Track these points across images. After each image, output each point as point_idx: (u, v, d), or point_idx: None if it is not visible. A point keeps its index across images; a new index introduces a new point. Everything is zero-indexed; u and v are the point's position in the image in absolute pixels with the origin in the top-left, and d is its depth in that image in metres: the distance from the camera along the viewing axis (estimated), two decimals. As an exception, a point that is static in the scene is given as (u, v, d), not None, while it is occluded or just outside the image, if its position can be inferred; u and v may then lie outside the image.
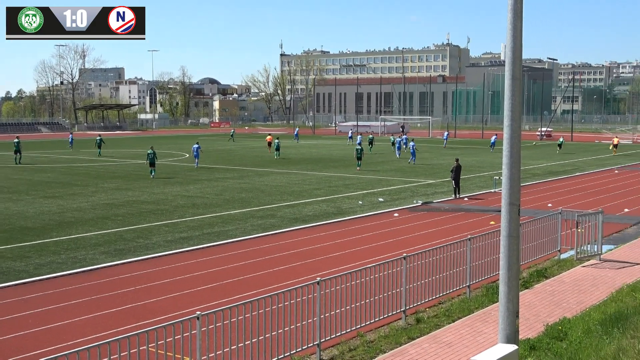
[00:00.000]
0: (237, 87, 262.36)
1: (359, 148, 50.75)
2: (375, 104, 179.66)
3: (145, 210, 29.64)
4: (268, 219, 27.39)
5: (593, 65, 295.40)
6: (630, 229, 25.45)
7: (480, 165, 52.17)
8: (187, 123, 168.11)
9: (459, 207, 30.69)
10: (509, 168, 10.64)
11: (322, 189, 37.12)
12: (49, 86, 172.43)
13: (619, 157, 62.01)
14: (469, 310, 15.15)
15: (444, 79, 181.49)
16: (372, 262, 16.48)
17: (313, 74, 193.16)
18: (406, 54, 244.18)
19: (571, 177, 43.93)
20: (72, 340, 13.23)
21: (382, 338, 13.41)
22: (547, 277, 18.02)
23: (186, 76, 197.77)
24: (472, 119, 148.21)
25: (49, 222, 26.88)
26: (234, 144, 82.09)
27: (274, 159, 57.83)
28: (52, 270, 19.03)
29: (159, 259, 20.58)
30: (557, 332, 12.95)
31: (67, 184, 40.02)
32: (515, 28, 10.46)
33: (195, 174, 45.28)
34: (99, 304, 15.87)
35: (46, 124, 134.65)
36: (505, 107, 10.60)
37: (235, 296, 16.08)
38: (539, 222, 19.77)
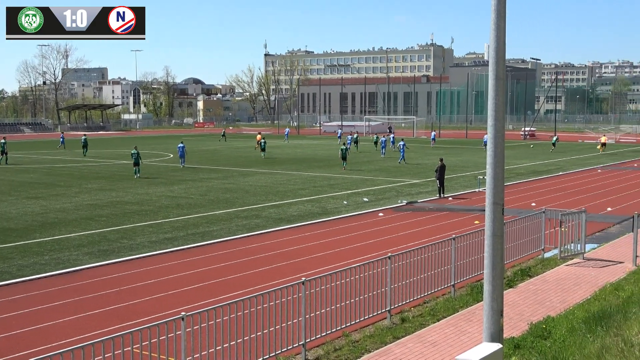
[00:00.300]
0: (221, 87, 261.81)
1: (343, 148, 51.06)
2: (360, 104, 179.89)
3: (129, 211, 29.51)
4: (253, 219, 27.35)
5: (576, 66, 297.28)
6: (612, 228, 25.63)
7: (464, 165, 52.35)
8: (171, 123, 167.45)
9: (443, 207, 30.78)
10: (493, 167, 10.68)
11: (307, 189, 37.12)
12: (32, 86, 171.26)
13: (601, 156, 62.42)
14: (454, 309, 15.20)
15: (428, 79, 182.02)
16: (357, 262, 16.50)
17: (297, 74, 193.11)
18: (390, 54, 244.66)
19: (554, 177, 44.18)
20: (56, 342, 13.15)
21: (367, 337, 13.43)
22: (531, 276, 18.11)
23: (170, 76, 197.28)
24: (457, 119, 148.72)
25: (32, 222, 26.71)
26: (224, 144, 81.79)
27: (261, 158, 57.81)
28: (36, 272, 18.91)
29: (143, 259, 20.50)
30: (541, 331, 13.01)
31: (50, 184, 39.78)
32: (498, 28, 10.50)
33: (179, 174, 45.14)
34: (83, 305, 15.78)
35: (29, 124, 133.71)
36: (489, 107, 10.64)
37: (220, 297, 16.05)
38: (522, 221, 19.87)
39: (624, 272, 18.17)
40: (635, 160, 57.93)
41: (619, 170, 48.36)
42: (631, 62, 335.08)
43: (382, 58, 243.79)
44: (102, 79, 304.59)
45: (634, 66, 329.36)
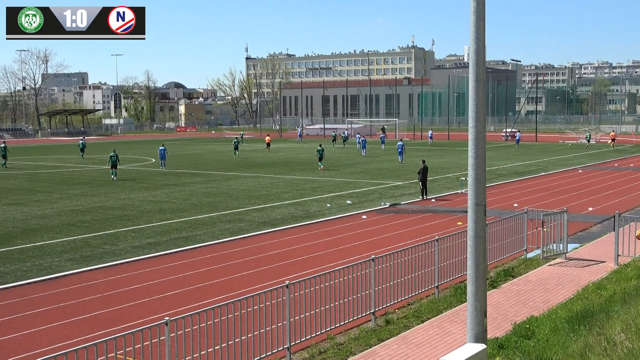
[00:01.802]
0: (202, 91, 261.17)
1: (319, 149, 51.92)
2: (342, 106, 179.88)
3: (112, 216, 29.35)
4: (236, 223, 27.29)
5: (556, 67, 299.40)
6: (594, 228, 25.81)
7: (446, 167, 52.53)
8: (152, 128, 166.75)
9: (426, 209, 30.87)
10: (474, 169, 10.73)
11: (290, 192, 37.09)
12: (11, 92, 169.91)
13: (582, 156, 62.86)
14: (438, 310, 15.24)
15: (409, 81, 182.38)
16: (341, 264, 16.50)
17: (279, 77, 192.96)
18: (372, 56, 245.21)
19: (536, 177, 44.43)
20: (38, 349, 13.06)
21: (352, 340, 13.44)
22: (514, 276, 18.20)
23: (151, 80, 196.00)
24: (439, 121, 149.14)
25: (12, 229, 26.49)
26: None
27: (233, 157, 57.66)
28: (17, 278, 18.75)
29: (126, 265, 20.39)
30: (525, 331, 13.07)
31: (31, 190, 39.49)
32: (478, 30, 10.56)
33: (162, 179, 44.96)
34: (66, 312, 15.67)
35: (8, 130, 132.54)
36: (470, 109, 10.68)
37: (204, 301, 16.00)
38: (505, 222, 19.96)
39: (606, 272, 18.30)
40: (615, 160, 58.39)
41: (599, 170, 48.72)
42: (610, 62, 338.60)
43: (364, 61, 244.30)
44: (83, 83, 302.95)
45: (613, 67, 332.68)
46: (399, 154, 56.67)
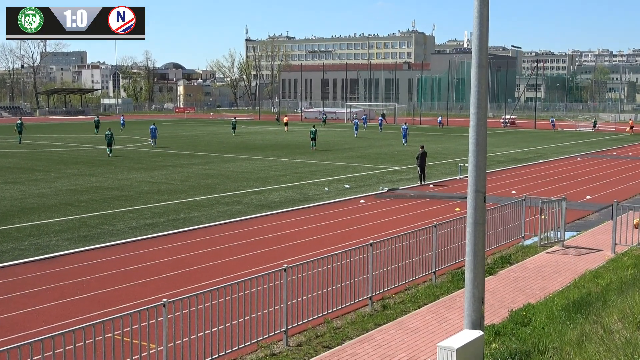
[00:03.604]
0: (201, 72, 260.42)
1: (313, 130, 54.65)
2: (341, 90, 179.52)
3: (109, 197, 29.32)
4: (234, 206, 27.27)
5: (556, 54, 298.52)
6: (592, 216, 25.84)
7: (445, 152, 52.50)
8: (151, 108, 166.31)
9: (424, 194, 30.87)
10: (475, 156, 10.70)
11: (288, 176, 37.06)
12: (9, 70, 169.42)
13: (581, 144, 62.85)
14: (435, 296, 15.26)
15: (409, 65, 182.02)
16: (339, 248, 16.50)
17: (279, 60, 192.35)
18: (372, 40, 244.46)
19: (534, 165, 44.43)
20: (36, 328, 13.07)
21: (349, 324, 13.46)
22: (511, 263, 18.22)
23: (150, 61, 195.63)
24: (438, 106, 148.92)
25: (10, 208, 26.46)
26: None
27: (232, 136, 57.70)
28: (14, 257, 18.74)
29: (124, 245, 20.39)
30: (522, 318, 13.10)
31: (29, 169, 39.42)
32: (481, 16, 10.49)
33: (159, 160, 44.90)
34: (63, 292, 15.68)
35: (7, 108, 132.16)
36: (472, 95, 10.63)
37: (201, 283, 16.01)
38: (503, 209, 19.96)
39: (603, 260, 18.33)
40: (614, 149, 58.39)
41: (598, 159, 48.73)
42: (611, 50, 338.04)
43: (364, 44, 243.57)
44: (81, 63, 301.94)
45: (613, 55, 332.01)
46: (403, 136, 59.73)
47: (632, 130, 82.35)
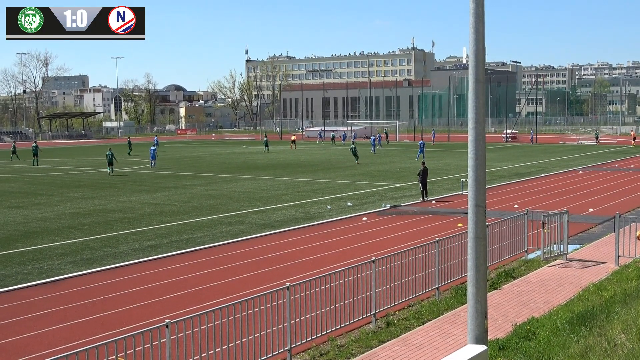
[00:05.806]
0: (203, 93, 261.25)
1: (353, 147, 57.96)
2: (342, 108, 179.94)
3: (112, 219, 29.36)
4: (237, 225, 27.30)
5: (556, 68, 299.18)
6: (595, 229, 25.80)
7: (447, 168, 52.53)
8: (153, 130, 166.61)
9: (426, 210, 30.87)
10: (474, 170, 10.72)
11: (291, 194, 37.10)
12: (11, 95, 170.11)
13: (583, 157, 62.86)
14: (439, 312, 15.24)
15: (409, 83, 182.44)
16: (342, 266, 16.50)
17: (279, 80, 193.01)
18: (372, 58, 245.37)
19: (536, 178, 44.41)
20: (39, 352, 13.07)
21: (353, 342, 13.44)
22: (514, 277, 18.20)
23: (151, 83, 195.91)
24: (439, 122, 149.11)
25: (13, 232, 26.51)
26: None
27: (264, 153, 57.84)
28: (18, 282, 18.76)
29: (127, 267, 20.40)
30: (526, 332, 13.08)
31: (32, 193, 39.50)
32: (477, 31, 10.55)
33: (162, 181, 44.97)
34: (67, 315, 15.68)
35: (9, 133, 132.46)
36: (470, 110, 10.67)
37: (204, 303, 16.00)
38: (505, 223, 19.96)
39: (607, 272, 18.30)
40: (615, 161, 58.38)
41: (600, 171, 48.71)
42: (610, 64, 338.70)
43: (364, 63, 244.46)
44: (83, 86, 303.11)
45: (613, 68, 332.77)
46: (420, 152, 61.22)
47: (634, 142, 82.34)
